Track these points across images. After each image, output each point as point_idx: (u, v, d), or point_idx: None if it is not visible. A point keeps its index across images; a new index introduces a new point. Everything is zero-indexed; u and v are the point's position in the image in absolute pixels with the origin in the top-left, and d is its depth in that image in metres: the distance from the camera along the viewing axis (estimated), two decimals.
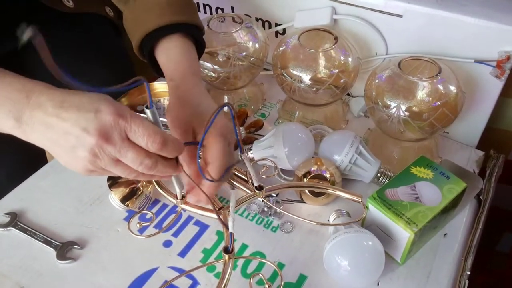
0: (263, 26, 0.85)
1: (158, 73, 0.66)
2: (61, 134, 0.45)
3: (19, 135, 0.47)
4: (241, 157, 0.54)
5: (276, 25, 0.84)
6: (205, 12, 0.89)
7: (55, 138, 0.45)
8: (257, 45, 0.76)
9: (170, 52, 0.63)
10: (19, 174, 0.73)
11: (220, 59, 0.75)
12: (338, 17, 0.76)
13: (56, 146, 0.46)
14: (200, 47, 0.67)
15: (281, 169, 0.69)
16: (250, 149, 0.70)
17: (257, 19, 0.85)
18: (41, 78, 0.48)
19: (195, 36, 0.65)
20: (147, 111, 0.47)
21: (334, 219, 0.61)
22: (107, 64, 0.90)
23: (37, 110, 0.45)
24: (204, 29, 0.69)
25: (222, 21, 0.78)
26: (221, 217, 0.54)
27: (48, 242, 0.62)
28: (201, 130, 0.54)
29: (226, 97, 0.82)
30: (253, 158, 0.70)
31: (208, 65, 0.76)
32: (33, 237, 0.63)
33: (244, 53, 0.75)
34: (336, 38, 0.70)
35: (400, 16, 0.69)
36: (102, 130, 0.44)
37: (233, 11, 0.86)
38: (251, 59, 0.76)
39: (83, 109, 0.45)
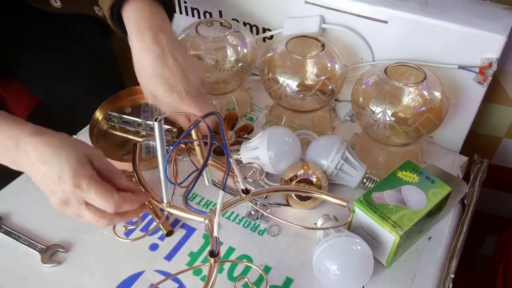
0: (251, 30, 0.85)
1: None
2: (41, 180, 0.54)
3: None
4: (228, 163, 0.55)
5: (264, 30, 0.84)
6: (193, 16, 0.90)
7: (37, 181, 0.54)
8: (245, 50, 0.76)
9: (132, 14, 0.63)
10: (3, 177, 0.72)
11: (209, 64, 0.75)
12: (327, 26, 0.76)
13: (40, 186, 0.55)
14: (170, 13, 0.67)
15: (268, 173, 0.69)
16: (238, 150, 0.70)
17: (244, 24, 0.85)
18: (25, 76, 0.49)
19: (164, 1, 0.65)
20: (156, 123, 0.51)
21: (322, 223, 0.62)
22: (94, 66, 0.89)
23: (25, 158, 0.53)
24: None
25: (210, 26, 0.78)
26: (208, 221, 0.55)
27: (32, 246, 0.62)
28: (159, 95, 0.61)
29: (214, 102, 0.83)
30: (240, 159, 0.70)
31: None
32: (17, 240, 0.62)
33: (233, 58, 0.75)
34: (323, 45, 0.71)
35: (385, 22, 0.70)
36: (62, 198, 0.52)
37: (221, 15, 0.87)
38: (240, 64, 0.76)
39: (52, 171, 0.52)
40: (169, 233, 0.64)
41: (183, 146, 0.72)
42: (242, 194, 0.60)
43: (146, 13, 0.62)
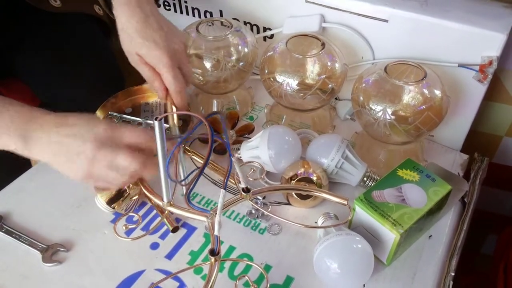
0: (251, 30, 0.85)
1: None
2: (64, 146, 0.54)
3: (23, 152, 0.55)
4: (231, 162, 0.55)
5: (265, 29, 0.84)
6: (193, 15, 0.90)
7: (58, 151, 0.54)
8: (246, 50, 0.77)
9: None
10: (4, 177, 0.73)
11: (210, 64, 0.75)
12: (327, 25, 0.76)
13: (58, 157, 0.55)
14: None
15: (268, 172, 0.69)
16: (238, 149, 0.71)
17: (245, 23, 0.85)
18: (26, 76, 0.51)
19: None
20: (156, 122, 0.51)
21: (323, 222, 0.62)
22: (94, 65, 0.89)
23: (41, 132, 0.54)
24: None
25: (211, 25, 0.78)
26: (209, 220, 0.55)
27: (33, 245, 0.62)
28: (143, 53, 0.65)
29: (215, 101, 0.83)
30: (240, 157, 0.70)
31: (198, 69, 0.76)
32: (18, 240, 0.63)
33: (234, 58, 0.76)
34: (323, 44, 0.71)
35: (386, 21, 0.70)
36: (97, 139, 0.54)
37: (221, 15, 0.87)
38: (240, 63, 0.76)
39: (82, 127, 0.54)
40: (175, 230, 0.64)
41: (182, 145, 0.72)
42: (243, 193, 0.60)
43: None
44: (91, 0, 0.91)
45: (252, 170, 0.65)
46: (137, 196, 0.66)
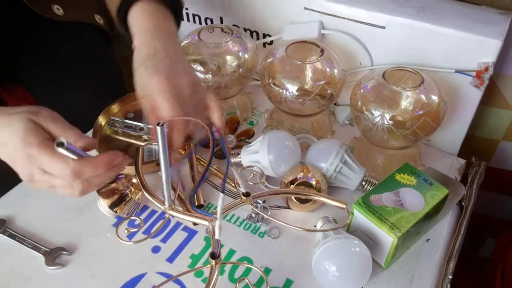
0: (251, 36, 0.87)
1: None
2: (9, 161, 0.52)
3: None
4: (228, 166, 0.56)
5: (264, 35, 0.86)
6: (194, 22, 0.91)
7: (8, 163, 0.52)
8: (246, 56, 0.78)
9: (135, 16, 0.63)
10: (7, 181, 0.73)
11: (210, 70, 0.76)
12: (326, 32, 0.77)
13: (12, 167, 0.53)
14: (177, 17, 0.67)
15: (268, 176, 0.70)
16: (238, 154, 0.71)
17: (245, 30, 0.86)
18: (27, 81, 0.48)
19: (170, 4, 0.66)
20: (158, 128, 0.50)
21: (322, 225, 0.63)
22: (95, 71, 0.90)
23: None
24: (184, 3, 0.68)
25: (212, 32, 0.79)
26: (212, 224, 0.55)
27: (37, 248, 0.63)
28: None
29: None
30: (240, 162, 0.71)
31: (199, 75, 0.77)
32: (22, 243, 0.63)
33: (234, 64, 0.77)
34: (322, 50, 0.72)
35: (383, 27, 0.72)
36: (25, 175, 0.51)
37: (222, 21, 0.88)
38: (241, 69, 0.77)
39: (9, 150, 0.51)
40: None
41: (182, 152, 0.73)
42: (243, 197, 0.61)
43: (146, 14, 0.63)
44: (92, 10, 0.93)
45: (252, 174, 0.66)
46: (139, 200, 0.67)
